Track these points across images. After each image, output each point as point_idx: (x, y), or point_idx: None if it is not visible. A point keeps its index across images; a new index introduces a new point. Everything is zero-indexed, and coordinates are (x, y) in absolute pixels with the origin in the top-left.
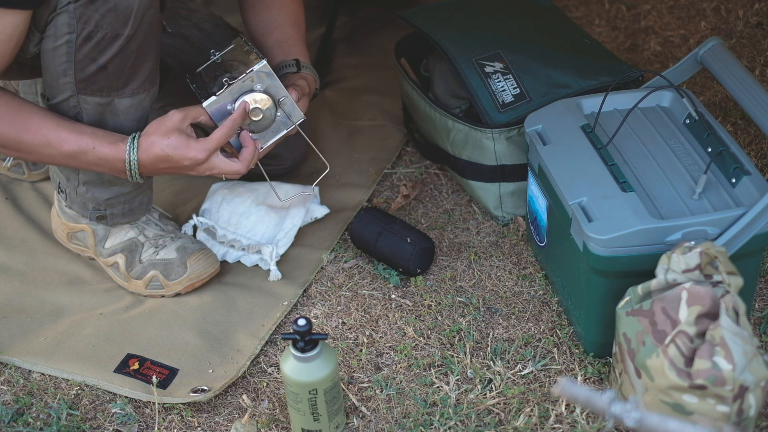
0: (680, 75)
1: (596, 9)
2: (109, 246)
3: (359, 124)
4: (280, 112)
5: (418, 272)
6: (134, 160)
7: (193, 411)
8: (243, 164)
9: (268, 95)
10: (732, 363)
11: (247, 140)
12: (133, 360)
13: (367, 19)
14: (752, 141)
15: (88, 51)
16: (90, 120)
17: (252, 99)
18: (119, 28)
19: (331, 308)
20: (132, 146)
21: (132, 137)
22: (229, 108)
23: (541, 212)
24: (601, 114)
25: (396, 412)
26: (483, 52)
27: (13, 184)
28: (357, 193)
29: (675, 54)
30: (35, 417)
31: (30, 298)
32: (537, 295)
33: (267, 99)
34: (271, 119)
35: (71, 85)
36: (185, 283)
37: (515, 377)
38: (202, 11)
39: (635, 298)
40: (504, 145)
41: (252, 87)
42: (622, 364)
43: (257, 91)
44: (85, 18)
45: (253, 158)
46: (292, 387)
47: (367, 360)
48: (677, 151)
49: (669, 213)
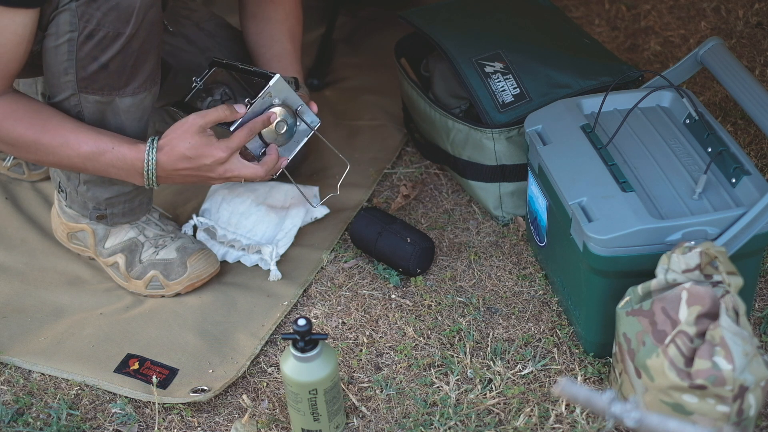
0: (680, 75)
1: (596, 9)
2: (109, 246)
3: (359, 124)
4: (299, 121)
5: (418, 272)
6: (153, 159)
7: (193, 411)
8: (263, 168)
9: (286, 107)
10: (732, 363)
11: (272, 149)
12: (133, 360)
13: (367, 19)
14: (752, 141)
15: (89, 49)
16: (91, 119)
17: (275, 112)
18: (121, 27)
19: (331, 308)
20: (151, 147)
21: (152, 139)
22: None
23: (541, 212)
24: (601, 114)
25: (396, 412)
26: (483, 52)
27: (13, 184)
28: (357, 193)
29: (675, 54)
30: (35, 417)
31: (30, 298)
32: (537, 295)
33: (286, 111)
34: (292, 130)
35: (72, 84)
36: (185, 283)
37: (515, 377)
38: (203, 11)
39: (635, 298)
40: (504, 145)
41: (271, 102)
42: (622, 364)
43: (276, 105)
44: (87, 16)
45: (275, 166)
46: (292, 387)
47: (367, 360)
48: (677, 151)
49: (669, 213)
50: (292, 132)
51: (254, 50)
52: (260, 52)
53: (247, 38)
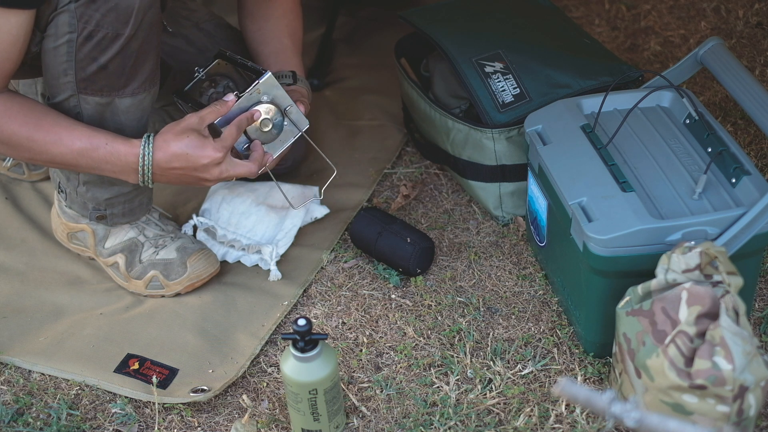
0: (680, 75)
1: (596, 9)
2: (109, 246)
3: (359, 124)
4: (287, 121)
5: (418, 272)
6: (149, 154)
7: (193, 411)
8: (255, 163)
9: (275, 105)
10: (732, 363)
11: (256, 145)
12: (133, 360)
13: (367, 19)
14: (752, 141)
15: (88, 50)
16: (90, 120)
17: (261, 110)
18: (120, 28)
19: (331, 308)
20: (147, 143)
21: (147, 135)
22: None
23: (541, 212)
24: (601, 114)
25: (396, 412)
26: (483, 52)
27: (13, 184)
28: (357, 193)
29: (675, 54)
30: (35, 417)
31: (30, 298)
32: (537, 295)
33: (274, 109)
34: (279, 129)
35: (72, 85)
36: (185, 283)
37: (515, 377)
38: (202, 11)
39: (635, 298)
40: (504, 145)
41: (259, 99)
42: (622, 364)
43: (264, 102)
44: (86, 17)
45: (263, 158)
46: (292, 387)
47: (367, 360)
48: (677, 151)
49: (669, 213)
50: (279, 130)
51: (253, 48)
52: (259, 49)
53: (246, 37)
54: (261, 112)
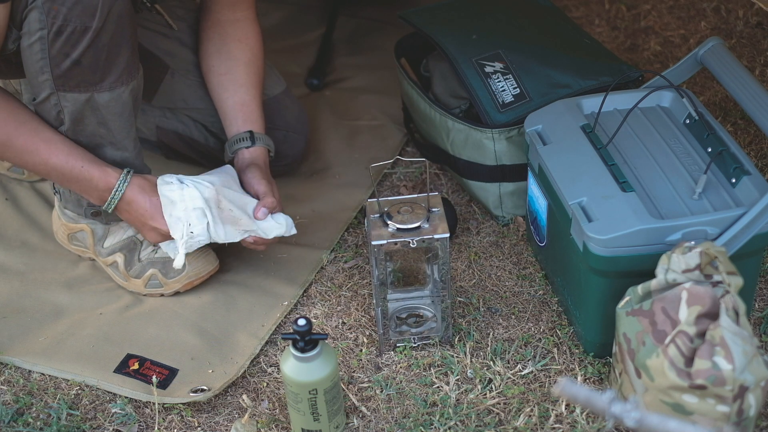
0: (680, 75)
1: (596, 9)
2: (108, 245)
3: (359, 124)
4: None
5: None
6: (121, 191)
7: (193, 411)
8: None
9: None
10: (732, 363)
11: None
12: (133, 360)
13: (367, 19)
14: (752, 141)
15: (60, 46)
16: (72, 117)
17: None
18: (87, 21)
19: (331, 308)
20: (125, 179)
21: (127, 171)
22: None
23: (541, 212)
24: (601, 114)
25: (396, 412)
26: (483, 52)
27: (13, 184)
28: (357, 193)
29: (675, 54)
30: (35, 417)
31: (30, 298)
32: (537, 295)
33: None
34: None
35: (50, 83)
36: (184, 281)
37: (515, 377)
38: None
39: (635, 298)
40: (504, 145)
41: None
42: (622, 364)
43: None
44: (54, 12)
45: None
46: (292, 387)
47: (367, 360)
48: (677, 151)
49: (669, 213)
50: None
51: (217, 92)
52: (224, 96)
53: (209, 76)
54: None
